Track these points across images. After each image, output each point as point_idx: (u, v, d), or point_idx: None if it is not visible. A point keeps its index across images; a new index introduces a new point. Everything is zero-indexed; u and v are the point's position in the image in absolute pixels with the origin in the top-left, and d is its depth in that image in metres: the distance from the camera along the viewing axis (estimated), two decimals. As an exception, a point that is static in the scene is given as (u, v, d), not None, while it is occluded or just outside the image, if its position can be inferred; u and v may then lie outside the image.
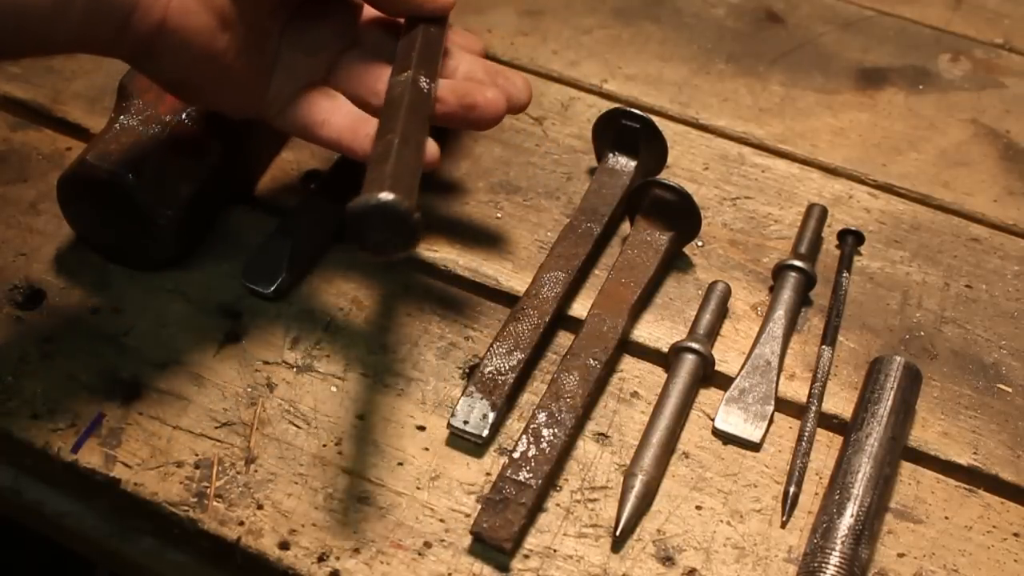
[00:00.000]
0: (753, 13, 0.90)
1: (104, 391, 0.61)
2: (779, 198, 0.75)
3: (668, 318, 0.67)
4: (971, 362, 0.66)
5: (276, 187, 0.72)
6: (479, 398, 0.59)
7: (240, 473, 0.57)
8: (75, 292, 0.65)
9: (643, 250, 0.67)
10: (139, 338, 0.63)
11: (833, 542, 0.54)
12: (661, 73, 0.84)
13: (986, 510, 0.59)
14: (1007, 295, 0.70)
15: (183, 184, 0.64)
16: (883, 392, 0.60)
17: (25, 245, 0.67)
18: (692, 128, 0.80)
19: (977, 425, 0.62)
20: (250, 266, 0.66)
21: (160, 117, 0.65)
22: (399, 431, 0.60)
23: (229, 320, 0.64)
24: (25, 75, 0.78)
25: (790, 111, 0.82)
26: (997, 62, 0.87)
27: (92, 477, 0.58)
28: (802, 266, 0.66)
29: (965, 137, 0.81)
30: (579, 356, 0.61)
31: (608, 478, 0.58)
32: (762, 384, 0.62)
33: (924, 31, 0.90)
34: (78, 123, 0.75)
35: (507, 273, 0.68)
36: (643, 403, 0.62)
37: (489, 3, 0.88)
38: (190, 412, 0.60)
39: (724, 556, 0.56)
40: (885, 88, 0.84)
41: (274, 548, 0.55)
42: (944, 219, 0.74)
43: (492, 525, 0.54)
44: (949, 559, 0.56)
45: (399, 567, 0.54)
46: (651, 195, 0.67)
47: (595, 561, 0.55)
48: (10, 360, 0.62)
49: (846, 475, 0.57)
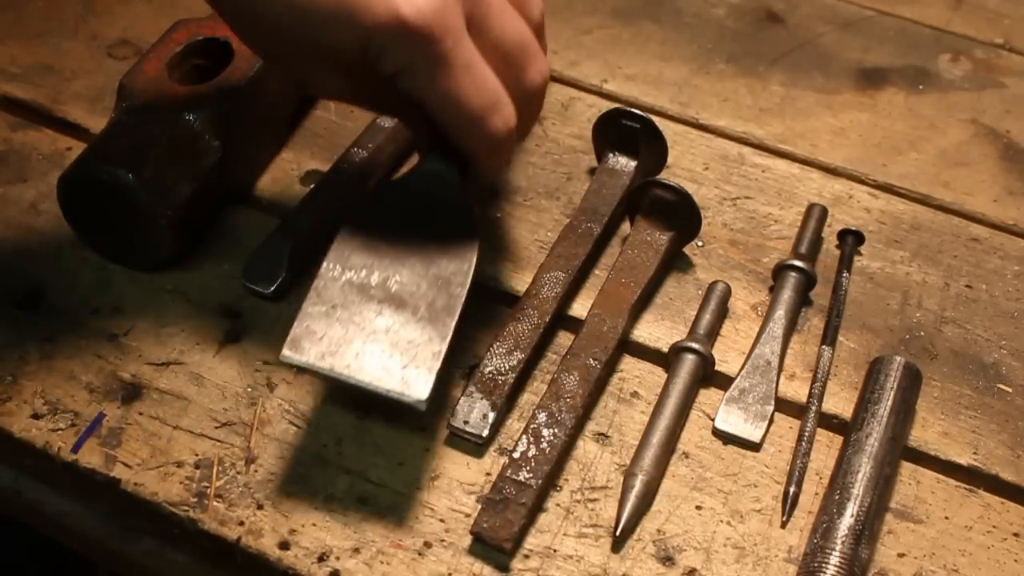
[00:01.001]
0: (753, 13, 0.90)
1: (104, 391, 0.61)
2: (779, 198, 0.75)
3: (668, 318, 0.67)
4: (971, 362, 0.66)
5: (276, 187, 0.72)
6: (479, 398, 0.59)
7: (240, 473, 0.57)
8: (75, 292, 0.65)
9: (643, 250, 0.67)
10: (139, 338, 0.63)
11: (833, 542, 0.54)
12: (661, 73, 0.84)
13: (986, 510, 0.59)
14: (1007, 295, 0.70)
15: (183, 184, 0.64)
16: (883, 392, 0.60)
17: (25, 245, 0.67)
18: (692, 128, 0.80)
19: (977, 425, 0.62)
20: (250, 266, 0.66)
21: (160, 117, 0.65)
22: (399, 431, 0.60)
23: (229, 320, 0.64)
24: (25, 75, 0.78)
25: (790, 111, 0.82)
26: (997, 62, 0.87)
27: (92, 477, 0.58)
28: (802, 266, 0.66)
29: (965, 137, 0.81)
30: (579, 356, 0.61)
31: (608, 478, 0.58)
32: (762, 384, 0.62)
33: (924, 31, 0.90)
34: (78, 123, 0.75)
35: (507, 273, 0.68)
36: (643, 403, 0.62)
37: (489, 3, 0.88)
38: (190, 412, 0.60)
39: (724, 556, 0.56)
40: (885, 88, 0.84)
41: (274, 548, 0.55)
42: (944, 219, 0.74)
43: (492, 525, 0.54)
44: (949, 559, 0.56)
45: (399, 567, 0.54)
46: (651, 195, 0.67)
47: (595, 561, 0.55)
48: (10, 360, 0.62)
49: (846, 475, 0.57)
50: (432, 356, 0.53)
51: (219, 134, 0.66)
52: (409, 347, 0.53)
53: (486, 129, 0.56)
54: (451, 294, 0.55)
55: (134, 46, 0.81)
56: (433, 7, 0.53)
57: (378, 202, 0.59)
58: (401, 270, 0.55)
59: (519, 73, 0.58)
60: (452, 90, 0.55)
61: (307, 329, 0.53)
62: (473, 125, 0.56)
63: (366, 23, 0.53)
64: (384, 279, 0.55)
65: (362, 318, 0.54)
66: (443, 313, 0.54)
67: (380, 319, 0.54)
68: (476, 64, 0.55)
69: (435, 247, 0.57)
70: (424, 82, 0.55)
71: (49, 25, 0.82)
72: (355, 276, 0.55)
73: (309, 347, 0.52)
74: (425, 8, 0.53)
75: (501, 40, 0.57)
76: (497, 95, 0.56)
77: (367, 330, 0.53)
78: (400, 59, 0.54)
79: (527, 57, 0.58)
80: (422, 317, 0.54)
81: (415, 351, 0.53)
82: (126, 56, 0.80)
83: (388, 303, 0.54)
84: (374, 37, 0.53)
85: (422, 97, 0.56)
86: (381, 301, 0.54)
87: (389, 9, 0.53)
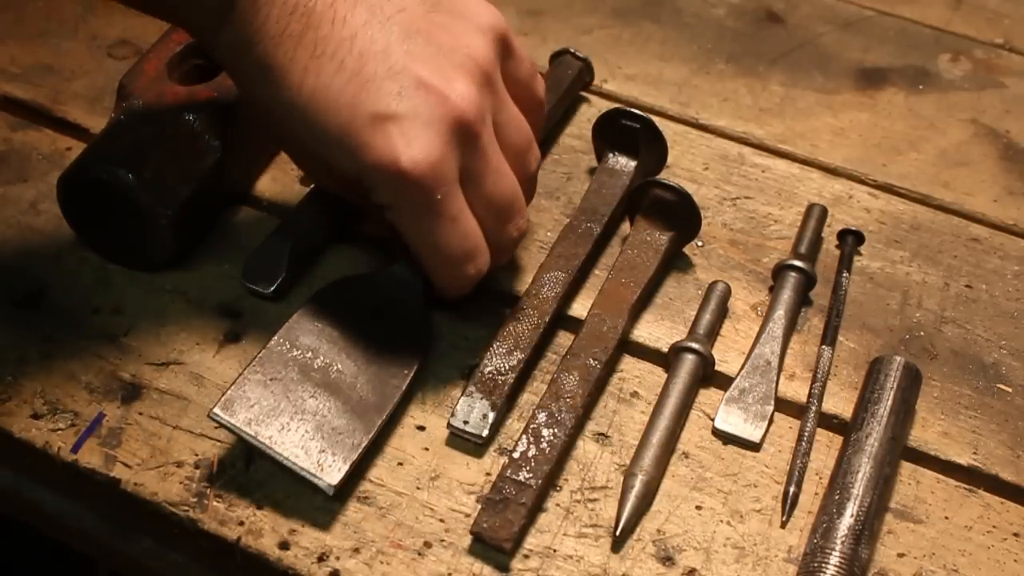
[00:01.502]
0: (753, 13, 0.90)
1: (104, 391, 0.61)
2: (779, 198, 0.75)
3: (668, 318, 0.67)
4: (971, 362, 0.66)
5: (276, 187, 0.72)
6: (479, 398, 0.59)
7: (240, 473, 0.57)
8: (75, 292, 0.65)
9: (643, 250, 0.67)
10: (139, 338, 0.63)
11: (833, 542, 0.54)
12: (661, 73, 0.84)
13: (986, 510, 0.59)
14: (1007, 295, 0.70)
15: (183, 184, 0.64)
16: (883, 392, 0.60)
17: (25, 245, 0.67)
18: (692, 128, 0.80)
19: (977, 425, 0.62)
20: (250, 266, 0.66)
21: (160, 117, 0.65)
22: (399, 431, 0.60)
23: (229, 320, 0.64)
24: (25, 75, 0.78)
25: (790, 111, 0.82)
26: (997, 62, 0.87)
27: (92, 477, 0.57)
28: (802, 266, 0.66)
29: (965, 137, 0.81)
30: (579, 356, 0.61)
31: (608, 478, 0.58)
32: (762, 384, 0.62)
33: (924, 31, 0.90)
34: (78, 123, 0.75)
35: (507, 273, 0.68)
36: (643, 403, 0.62)
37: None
38: (190, 412, 0.60)
39: (724, 556, 0.56)
40: (885, 88, 0.84)
41: (274, 548, 0.55)
42: (944, 219, 0.74)
43: (492, 525, 0.54)
44: (949, 559, 0.56)
45: (399, 567, 0.54)
46: (651, 195, 0.67)
47: (595, 561, 0.55)
48: (10, 360, 0.62)
49: (846, 475, 0.57)
50: (351, 447, 0.55)
51: (219, 134, 0.66)
52: (332, 434, 0.56)
53: (459, 275, 0.59)
54: (385, 394, 0.58)
55: (134, 46, 0.81)
56: (430, 160, 0.54)
57: (340, 293, 0.61)
58: (345, 360, 0.58)
59: (501, 227, 0.60)
60: (434, 236, 0.57)
61: (242, 393, 0.56)
62: (447, 269, 0.59)
63: (366, 160, 0.55)
64: (326, 364, 0.58)
65: (296, 396, 0.56)
66: (373, 410, 0.57)
67: (312, 401, 0.56)
68: (462, 216, 0.57)
69: (383, 346, 0.60)
70: (409, 223, 0.57)
71: (49, 25, 0.82)
72: (300, 355, 0.58)
73: (239, 411, 0.55)
74: (422, 160, 0.54)
75: (491, 195, 0.58)
76: (476, 245, 0.58)
77: (297, 408, 0.56)
78: (390, 198, 0.56)
79: (512, 213, 0.60)
80: (352, 409, 0.57)
81: (337, 439, 0.55)
82: (126, 56, 0.80)
83: (324, 388, 0.57)
84: (370, 174, 0.55)
85: (405, 234, 0.58)
86: (318, 385, 0.57)
87: (389, 154, 0.54)
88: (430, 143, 0.54)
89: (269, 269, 0.65)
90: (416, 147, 0.54)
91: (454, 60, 0.56)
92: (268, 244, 0.66)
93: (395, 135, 0.54)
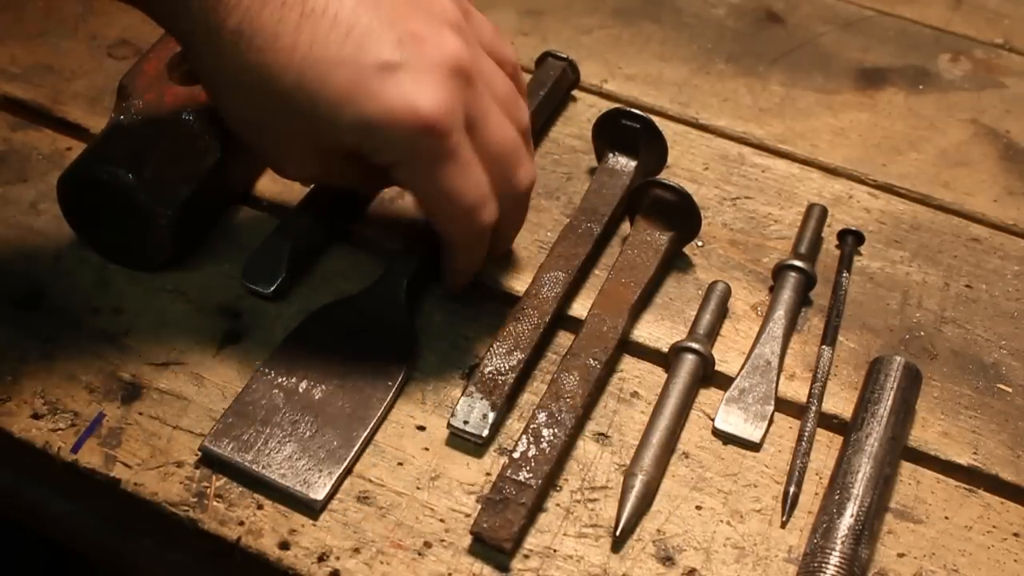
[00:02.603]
0: (753, 13, 0.90)
1: (104, 391, 0.61)
2: (779, 198, 0.75)
3: (668, 318, 0.67)
4: (971, 362, 0.66)
5: (276, 187, 0.72)
6: (479, 398, 0.59)
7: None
8: (75, 292, 0.65)
9: (643, 250, 0.67)
10: (139, 338, 0.63)
11: (833, 542, 0.54)
12: (661, 73, 0.84)
13: (986, 510, 0.59)
14: (1007, 295, 0.70)
15: (183, 184, 0.64)
16: (883, 392, 0.60)
17: (25, 245, 0.67)
18: (692, 128, 0.80)
19: (977, 425, 0.62)
20: (250, 266, 0.66)
21: (160, 117, 0.65)
22: (399, 431, 0.60)
23: (229, 320, 0.64)
24: (25, 75, 0.78)
25: (790, 111, 0.82)
26: (997, 62, 0.87)
27: (92, 477, 0.58)
28: (802, 266, 0.66)
29: (965, 137, 0.81)
30: (579, 356, 0.61)
31: (608, 478, 0.58)
32: (762, 384, 0.62)
33: (924, 31, 0.90)
34: (78, 123, 0.75)
35: (507, 273, 0.68)
36: (643, 403, 0.62)
37: (489, 3, 0.88)
38: (190, 412, 0.60)
39: (724, 556, 0.56)
40: (885, 88, 0.84)
41: (274, 548, 0.55)
42: (944, 219, 0.74)
43: (492, 525, 0.54)
44: (949, 559, 0.56)
45: (399, 567, 0.54)
46: (651, 195, 0.67)
47: (595, 561, 0.55)
48: (10, 360, 0.62)
49: (846, 475, 0.57)
50: (336, 462, 0.57)
51: (219, 134, 0.66)
52: (317, 451, 0.57)
53: (473, 223, 0.58)
54: (370, 406, 0.59)
55: (134, 46, 0.81)
56: (445, 104, 0.54)
57: (322, 319, 0.63)
58: (328, 381, 0.60)
59: (508, 176, 0.59)
60: (450, 184, 0.56)
61: (230, 425, 0.58)
62: (462, 219, 0.58)
63: (379, 112, 0.53)
64: (309, 387, 0.60)
65: (281, 419, 0.58)
66: (357, 424, 0.59)
67: (297, 422, 0.58)
68: (473, 162, 0.57)
69: (366, 362, 0.61)
70: (424, 175, 0.56)
71: (49, 25, 0.82)
72: (284, 382, 0.60)
73: (228, 442, 0.57)
74: (440, 104, 0.54)
75: (493, 142, 0.58)
76: (487, 192, 0.58)
77: (284, 432, 0.58)
78: (403, 151, 0.55)
79: (516, 160, 0.59)
80: (336, 426, 0.58)
81: (321, 455, 0.57)
82: (126, 56, 0.80)
83: (308, 410, 0.59)
84: (383, 127, 0.54)
85: (417, 188, 0.57)
86: (303, 407, 0.59)
87: (404, 101, 0.53)
88: (441, 87, 0.54)
89: (269, 269, 0.65)
90: (429, 92, 0.53)
91: (432, 12, 0.56)
92: (268, 244, 0.66)
93: (406, 82, 0.53)
